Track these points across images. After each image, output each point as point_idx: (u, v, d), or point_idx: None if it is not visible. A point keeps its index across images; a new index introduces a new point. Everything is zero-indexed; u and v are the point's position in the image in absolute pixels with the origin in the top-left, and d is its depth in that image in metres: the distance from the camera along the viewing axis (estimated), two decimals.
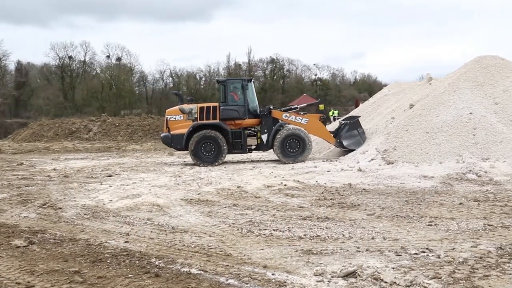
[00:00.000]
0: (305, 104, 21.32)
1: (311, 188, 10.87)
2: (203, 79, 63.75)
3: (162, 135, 17.63)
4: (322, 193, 10.11)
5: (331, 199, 9.39)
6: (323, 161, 16.02)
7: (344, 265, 5.25)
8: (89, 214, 8.60)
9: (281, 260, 5.57)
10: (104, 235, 7.04)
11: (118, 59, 62.78)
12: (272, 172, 13.66)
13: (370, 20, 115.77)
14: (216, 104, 17.09)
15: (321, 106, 18.08)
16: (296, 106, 18.81)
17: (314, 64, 73.91)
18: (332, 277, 4.94)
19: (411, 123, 15.12)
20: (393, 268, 5.14)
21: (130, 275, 5.16)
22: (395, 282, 4.70)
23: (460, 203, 8.63)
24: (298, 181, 11.83)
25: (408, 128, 14.95)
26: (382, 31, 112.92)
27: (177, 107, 17.28)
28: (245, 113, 16.86)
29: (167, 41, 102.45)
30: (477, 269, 5.06)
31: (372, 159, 14.35)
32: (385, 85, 31.23)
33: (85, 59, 61.65)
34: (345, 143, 16.97)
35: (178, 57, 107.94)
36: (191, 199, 9.74)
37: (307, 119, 17.32)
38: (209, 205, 9.15)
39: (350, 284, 4.73)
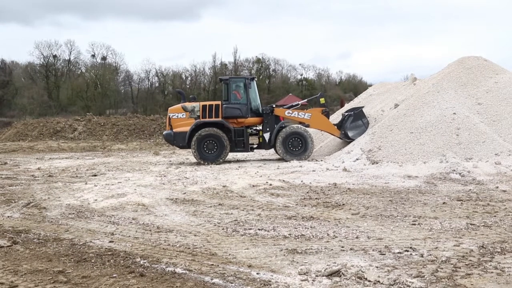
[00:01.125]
0: (305, 100, 21.23)
1: (297, 187, 10.91)
2: (189, 78, 63.58)
3: (164, 133, 17.62)
4: (307, 192, 10.16)
5: (316, 198, 9.44)
6: (308, 160, 16.08)
7: (329, 264, 5.28)
8: (73, 213, 8.54)
9: (266, 260, 5.59)
10: (88, 235, 7.00)
11: (103, 58, 62.45)
12: (257, 172, 13.68)
13: (356, 21, 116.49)
14: (219, 102, 17.19)
15: (322, 100, 18.02)
16: (298, 102, 18.81)
17: (300, 64, 74.28)
18: (317, 276, 4.97)
19: (396, 123, 15.25)
20: (377, 267, 5.19)
21: (114, 275, 5.14)
22: (378, 281, 4.74)
23: (444, 203, 8.73)
24: (284, 180, 11.87)
25: (393, 128, 15.08)
26: (368, 32, 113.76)
27: (179, 105, 17.34)
28: (247, 112, 16.96)
29: (154, 41, 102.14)
30: (460, 267, 5.13)
31: (357, 159, 14.45)
32: (370, 85, 31.46)
33: (70, 58, 61.23)
34: (350, 134, 17.13)
35: (164, 56, 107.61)
36: (176, 199, 9.73)
37: (310, 114, 17.49)
38: (195, 204, 9.15)
39: (334, 283, 4.76)
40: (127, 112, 43.04)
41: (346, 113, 18.18)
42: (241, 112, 16.89)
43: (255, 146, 17.72)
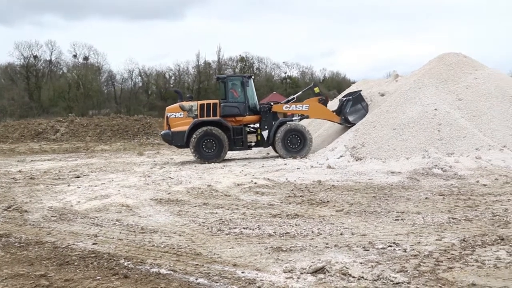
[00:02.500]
0: (300, 92, 21.22)
1: (281, 185, 10.94)
2: (173, 78, 63.24)
3: (162, 132, 17.59)
4: (292, 190, 10.19)
5: (300, 196, 9.47)
6: (293, 158, 16.12)
7: (313, 261, 5.31)
8: (56, 216, 8.45)
9: (251, 258, 5.59)
10: (71, 237, 6.94)
11: (85, 58, 61.74)
12: (242, 171, 13.69)
13: (340, 19, 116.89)
14: (217, 101, 17.22)
15: (317, 89, 18.12)
16: (293, 96, 18.82)
17: (284, 62, 74.18)
18: (301, 273, 4.98)
19: (379, 120, 15.37)
20: (361, 263, 5.22)
21: (98, 277, 5.10)
22: (362, 277, 4.78)
23: (426, 198, 8.83)
24: (268, 179, 11.89)
25: (376, 125, 15.19)
26: (352, 30, 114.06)
27: (177, 104, 17.30)
28: (245, 110, 17.02)
29: (137, 40, 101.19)
30: (442, 261, 5.19)
31: (341, 156, 14.53)
32: (354, 83, 31.57)
33: (51, 59, 60.43)
34: (351, 118, 17.28)
35: (148, 56, 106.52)
36: (161, 199, 9.68)
37: (308, 105, 17.59)
38: (179, 204, 9.12)
39: (319, 280, 4.79)
40: (110, 113, 42.65)
41: (344, 98, 18.27)
42: (239, 111, 16.93)
43: (253, 144, 17.79)
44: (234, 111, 16.93)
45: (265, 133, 17.07)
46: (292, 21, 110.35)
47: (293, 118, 17.83)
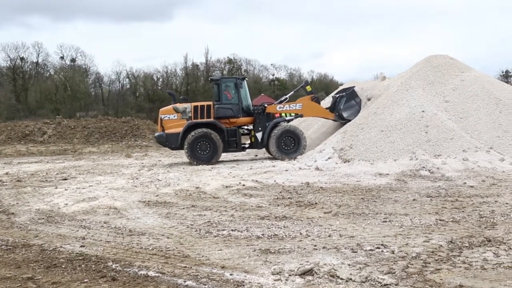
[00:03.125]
0: (292, 93, 21.18)
1: (269, 187, 10.94)
2: (160, 80, 63.03)
3: (156, 134, 17.54)
4: (280, 192, 10.20)
5: (289, 198, 9.48)
6: (281, 160, 16.14)
7: (302, 263, 5.32)
8: (43, 218, 8.38)
9: (239, 260, 5.59)
10: (59, 240, 6.89)
11: (73, 60, 61.45)
12: (230, 173, 13.67)
13: (328, 21, 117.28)
14: (210, 103, 17.21)
15: (309, 88, 18.22)
16: (286, 97, 18.86)
17: (272, 64, 74.43)
18: (290, 275, 4.99)
19: (366, 122, 15.44)
20: (349, 265, 5.24)
21: (86, 280, 5.07)
22: (351, 279, 4.80)
23: (414, 199, 8.88)
24: (257, 181, 11.89)
25: (364, 127, 15.26)
26: (339, 32, 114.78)
27: (170, 106, 17.27)
28: (239, 112, 17.06)
29: (125, 42, 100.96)
30: (429, 263, 5.23)
31: (329, 158, 14.57)
32: (341, 84, 31.72)
33: (37, 61, 60.02)
34: (345, 114, 17.39)
35: (136, 57, 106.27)
36: (149, 201, 9.64)
37: (301, 104, 17.70)
38: (167, 206, 9.09)
39: (307, 282, 4.80)
40: (98, 115, 42.37)
41: (338, 95, 18.34)
42: (233, 112, 16.97)
43: (247, 145, 17.85)
44: (228, 112, 16.95)
45: (259, 135, 17.13)
46: (280, 23, 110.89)
47: (286, 118, 17.86)
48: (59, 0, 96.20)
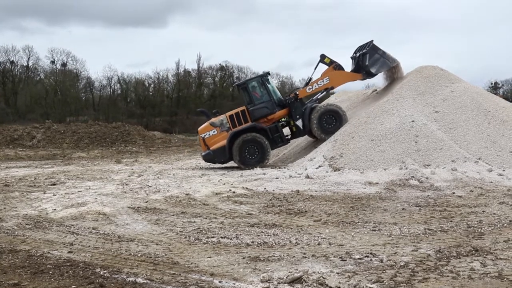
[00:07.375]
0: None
1: (260, 195, 10.95)
2: (152, 86, 62.96)
3: (203, 153, 17.47)
4: (270, 200, 10.20)
5: (279, 206, 9.49)
6: (271, 168, 16.16)
7: (291, 271, 5.33)
8: (31, 224, 8.32)
9: (229, 268, 5.58)
10: (46, 246, 6.84)
11: (64, 64, 61.18)
12: (221, 180, 13.66)
13: (321, 30, 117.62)
14: (243, 108, 17.34)
15: (327, 59, 18.15)
16: (310, 77, 18.77)
17: (263, 72, 74.51)
18: (279, 283, 4.99)
19: (357, 131, 15.51)
20: (338, 273, 5.26)
21: (73, 286, 5.03)
22: (339, 287, 4.81)
23: (403, 209, 8.92)
24: (247, 188, 11.89)
25: (354, 136, 15.33)
26: (332, 41, 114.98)
27: (207, 123, 17.39)
28: (274, 107, 17.21)
29: (119, 47, 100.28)
30: (417, 272, 5.25)
31: (319, 166, 14.61)
32: (333, 93, 31.86)
33: (28, 64, 59.74)
34: (373, 70, 17.48)
35: (129, 63, 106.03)
36: (138, 207, 9.61)
37: (327, 77, 17.81)
38: (157, 213, 9.06)
39: None
40: (88, 120, 42.20)
41: (357, 54, 18.22)
42: (269, 109, 17.16)
43: (289, 137, 17.95)
44: (264, 111, 17.14)
45: (299, 123, 17.31)
46: (274, 31, 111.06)
47: (319, 97, 18.16)
48: (54, 4, 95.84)
